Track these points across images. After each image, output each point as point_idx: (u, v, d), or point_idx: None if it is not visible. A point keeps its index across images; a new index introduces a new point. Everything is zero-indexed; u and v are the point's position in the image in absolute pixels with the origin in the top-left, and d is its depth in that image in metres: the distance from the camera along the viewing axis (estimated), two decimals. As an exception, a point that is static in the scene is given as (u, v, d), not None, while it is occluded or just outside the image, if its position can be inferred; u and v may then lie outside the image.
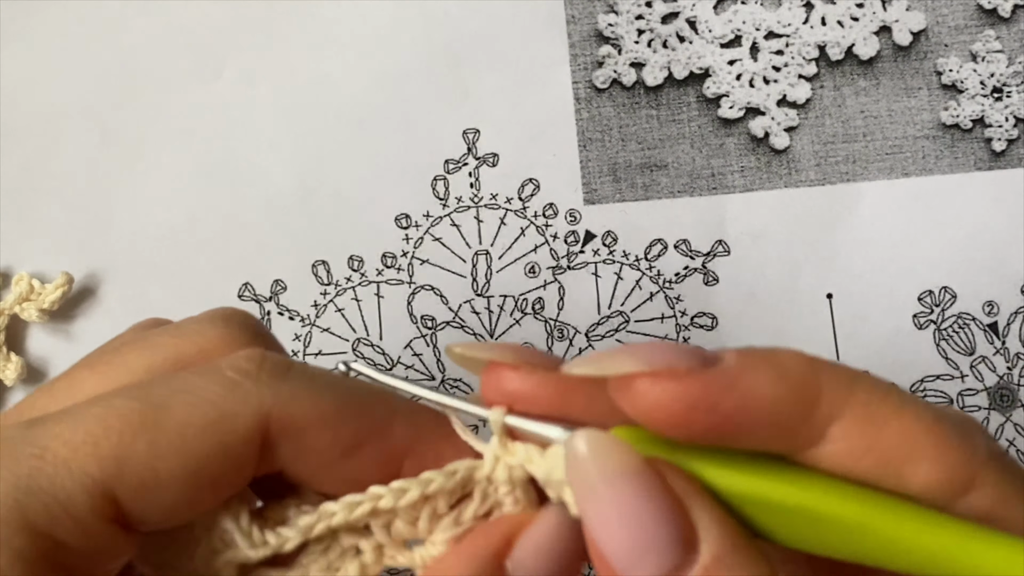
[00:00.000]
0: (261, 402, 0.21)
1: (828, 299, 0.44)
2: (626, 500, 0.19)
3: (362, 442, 0.21)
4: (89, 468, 0.19)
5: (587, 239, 0.45)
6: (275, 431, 0.21)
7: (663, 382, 0.19)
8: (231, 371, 0.21)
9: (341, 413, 0.21)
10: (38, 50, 0.46)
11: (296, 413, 0.21)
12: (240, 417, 0.20)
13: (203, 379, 0.21)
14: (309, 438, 0.21)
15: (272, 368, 0.21)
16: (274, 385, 0.21)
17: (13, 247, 0.44)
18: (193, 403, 0.20)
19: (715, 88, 0.45)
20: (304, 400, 0.21)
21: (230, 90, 0.46)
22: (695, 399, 0.19)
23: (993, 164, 0.45)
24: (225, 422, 0.20)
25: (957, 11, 0.46)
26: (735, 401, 0.19)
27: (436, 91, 0.46)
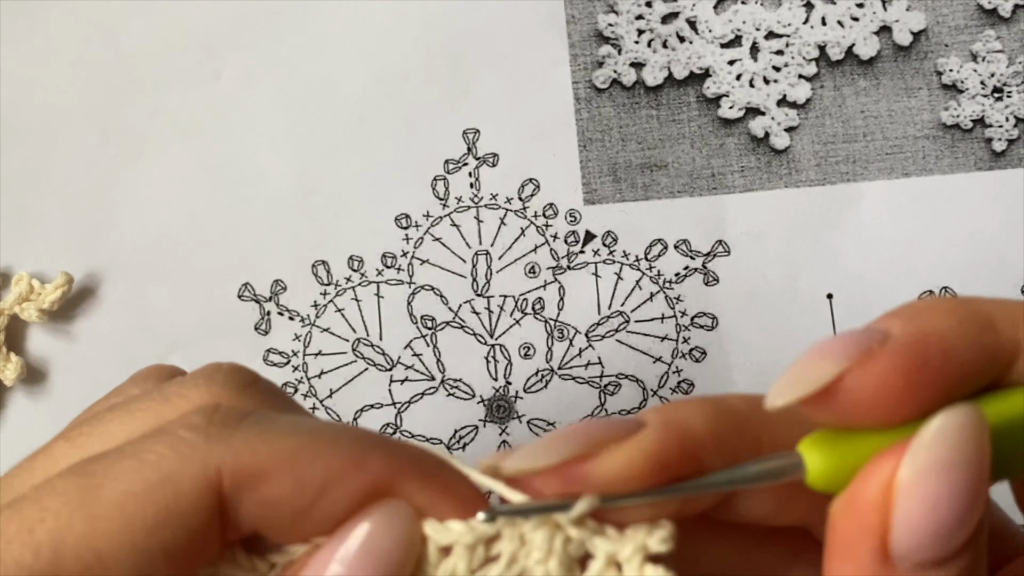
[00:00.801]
0: (208, 457, 0.19)
1: (828, 299, 0.44)
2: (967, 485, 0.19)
3: (331, 482, 0.19)
4: (25, 558, 0.18)
5: (587, 239, 0.45)
6: (230, 486, 0.19)
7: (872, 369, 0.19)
8: (182, 429, 0.20)
9: (301, 455, 0.19)
10: (38, 50, 0.46)
11: (250, 462, 0.19)
12: (185, 477, 0.19)
13: (149, 442, 0.19)
14: (271, 487, 0.19)
15: (223, 419, 0.20)
16: (224, 437, 0.19)
17: (13, 247, 0.44)
18: (134, 468, 0.19)
19: (715, 88, 0.45)
20: (258, 447, 0.19)
21: (230, 90, 0.46)
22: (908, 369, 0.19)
23: (993, 164, 0.45)
24: (168, 485, 0.19)
25: (957, 11, 0.46)
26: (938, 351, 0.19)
27: (436, 91, 0.46)
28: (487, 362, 0.44)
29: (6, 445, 0.43)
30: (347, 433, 0.20)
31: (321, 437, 0.20)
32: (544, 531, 0.20)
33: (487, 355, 0.44)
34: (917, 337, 0.19)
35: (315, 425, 0.20)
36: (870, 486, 0.19)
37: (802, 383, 0.19)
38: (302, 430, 0.20)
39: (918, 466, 0.19)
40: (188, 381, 0.23)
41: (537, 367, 0.44)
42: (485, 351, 0.44)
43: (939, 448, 0.19)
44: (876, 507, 0.19)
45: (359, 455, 0.20)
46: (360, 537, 0.20)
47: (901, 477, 0.19)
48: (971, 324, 0.20)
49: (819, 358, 0.19)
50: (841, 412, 0.20)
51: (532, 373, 0.44)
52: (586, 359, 0.44)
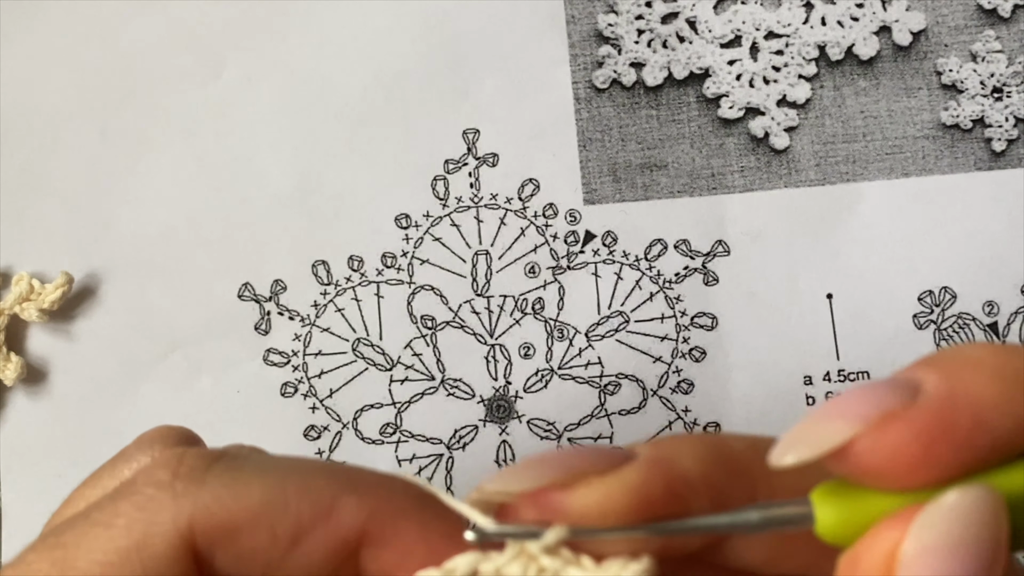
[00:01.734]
0: (178, 515, 0.19)
1: (828, 299, 0.44)
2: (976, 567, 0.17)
3: (304, 531, 0.19)
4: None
5: (587, 239, 0.45)
6: (203, 541, 0.19)
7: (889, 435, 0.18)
8: (145, 485, 0.19)
9: (273, 504, 0.19)
10: (38, 50, 0.46)
11: (220, 516, 0.19)
12: (158, 538, 0.18)
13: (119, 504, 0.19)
14: (244, 539, 0.19)
15: (190, 471, 0.19)
16: (191, 491, 0.19)
17: (13, 247, 0.44)
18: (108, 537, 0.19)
19: (715, 88, 0.45)
20: (227, 499, 0.19)
21: (230, 90, 0.46)
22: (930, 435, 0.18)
23: (993, 164, 0.45)
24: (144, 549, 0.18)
25: (957, 11, 0.46)
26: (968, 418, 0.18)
27: (436, 91, 0.46)
28: (487, 362, 0.44)
29: (6, 445, 0.43)
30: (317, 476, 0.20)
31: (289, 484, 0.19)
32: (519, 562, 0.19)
33: (487, 355, 0.44)
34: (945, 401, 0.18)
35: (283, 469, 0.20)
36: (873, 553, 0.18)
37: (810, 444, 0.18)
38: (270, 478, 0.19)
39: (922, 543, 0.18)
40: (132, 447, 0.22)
41: (537, 367, 0.44)
42: (485, 351, 0.44)
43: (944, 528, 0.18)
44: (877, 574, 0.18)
45: (330, 502, 0.19)
46: None
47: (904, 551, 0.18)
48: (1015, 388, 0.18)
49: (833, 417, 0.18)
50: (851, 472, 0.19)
51: (532, 373, 0.44)
52: (586, 359, 0.44)
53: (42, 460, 0.43)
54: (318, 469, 0.20)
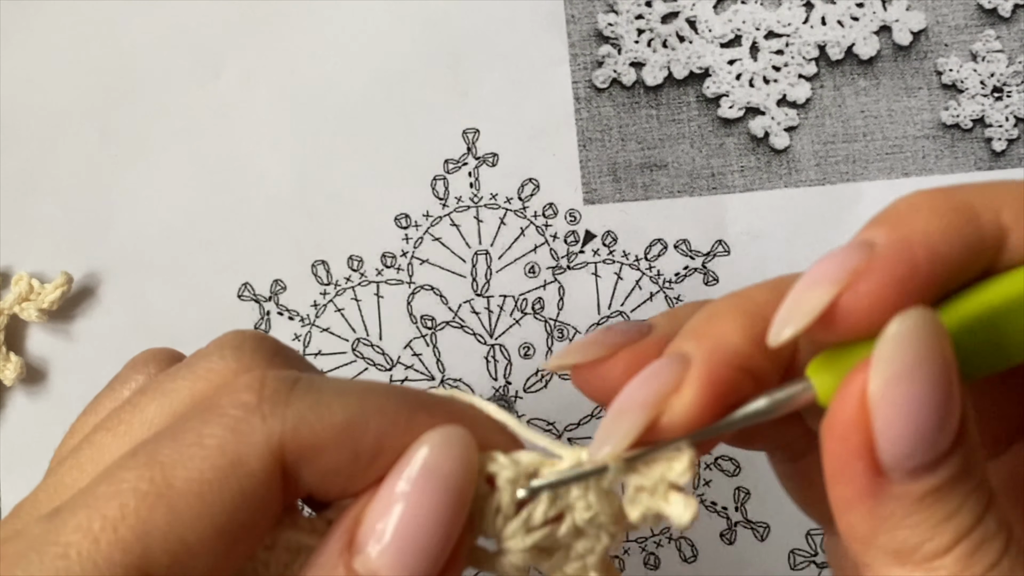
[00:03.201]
0: (270, 435, 0.20)
1: (828, 299, 0.44)
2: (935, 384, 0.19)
3: (383, 447, 0.20)
4: (115, 557, 0.18)
5: (587, 239, 0.45)
6: (291, 460, 0.20)
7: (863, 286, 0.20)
8: (233, 408, 0.20)
9: (354, 424, 0.20)
10: (38, 50, 0.46)
11: (307, 437, 0.20)
12: (252, 457, 0.19)
13: (208, 425, 0.20)
14: (328, 457, 0.20)
15: (273, 394, 0.20)
16: (279, 412, 0.20)
17: (13, 247, 0.44)
18: (203, 456, 0.19)
19: (715, 88, 0.45)
20: (313, 421, 0.20)
21: (230, 90, 0.46)
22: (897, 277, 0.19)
23: (993, 164, 0.45)
24: (239, 467, 0.19)
25: (957, 11, 0.46)
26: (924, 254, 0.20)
27: (436, 91, 0.46)
28: (487, 362, 0.44)
29: (6, 445, 0.43)
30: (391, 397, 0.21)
31: (368, 404, 0.21)
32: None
33: (487, 355, 0.44)
34: (902, 245, 0.20)
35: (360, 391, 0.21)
36: (846, 406, 0.19)
37: (798, 316, 0.20)
38: (350, 399, 0.20)
39: (883, 377, 0.19)
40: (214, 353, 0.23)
41: (537, 367, 0.44)
42: (485, 351, 0.44)
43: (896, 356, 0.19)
44: (856, 425, 0.19)
45: (407, 418, 0.21)
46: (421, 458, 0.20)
47: (871, 392, 0.19)
48: (953, 219, 0.20)
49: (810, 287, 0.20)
50: (843, 332, 0.20)
51: (532, 373, 0.44)
52: (586, 359, 0.44)
53: (42, 460, 0.43)
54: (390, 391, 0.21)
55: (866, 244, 0.20)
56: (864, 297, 0.19)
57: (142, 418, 0.22)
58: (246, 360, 0.23)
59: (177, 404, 0.22)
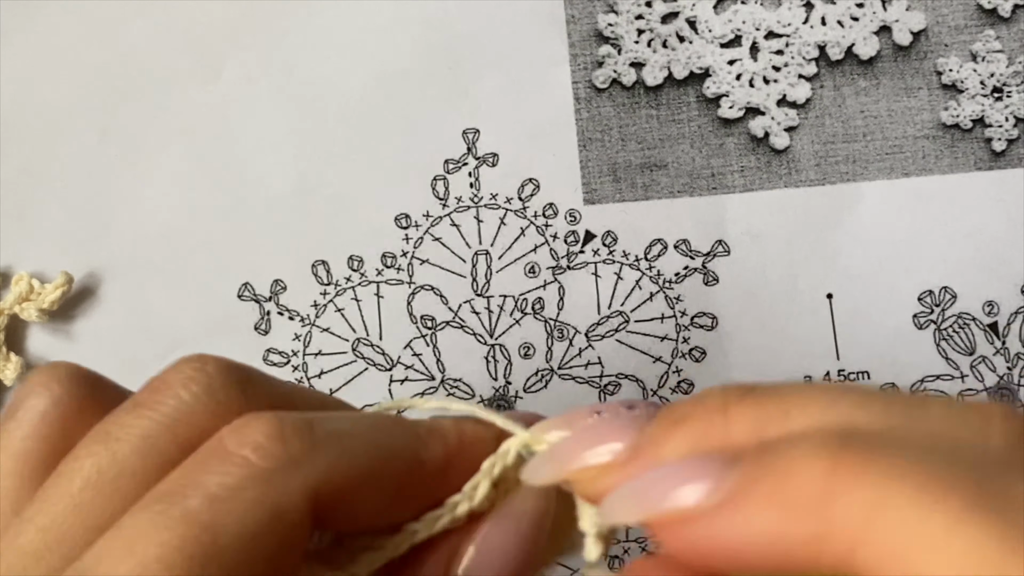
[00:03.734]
0: (305, 484, 0.20)
1: (828, 299, 0.44)
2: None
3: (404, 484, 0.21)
4: None
5: (587, 239, 0.45)
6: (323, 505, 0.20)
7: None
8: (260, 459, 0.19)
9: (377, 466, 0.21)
10: (38, 50, 0.46)
11: (338, 484, 0.20)
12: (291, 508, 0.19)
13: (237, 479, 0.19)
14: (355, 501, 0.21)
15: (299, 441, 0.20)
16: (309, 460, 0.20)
17: (13, 247, 0.44)
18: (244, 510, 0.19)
19: (715, 88, 0.45)
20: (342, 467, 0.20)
21: (230, 90, 0.46)
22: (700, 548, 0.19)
23: (993, 164, 0.45)
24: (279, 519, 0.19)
25: (957, 11, 0.46)
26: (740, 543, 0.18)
27: (436, 91, 0.46)
28: (487, 362, 0.44)
29: (6, 445, 0.43)
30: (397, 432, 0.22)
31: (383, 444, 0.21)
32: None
33: (487, 355, 0.44)
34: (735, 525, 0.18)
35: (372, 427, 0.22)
36: None
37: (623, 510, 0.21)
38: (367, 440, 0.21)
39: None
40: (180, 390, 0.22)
41: (537, 367, 0.44)
42: (485, 351, 0.44)
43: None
44: None
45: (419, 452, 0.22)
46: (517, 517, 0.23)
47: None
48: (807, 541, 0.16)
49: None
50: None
51: (532, 373, 0.44)
52: (586, 359, 0.44)
53: (42, 460, 0.43)
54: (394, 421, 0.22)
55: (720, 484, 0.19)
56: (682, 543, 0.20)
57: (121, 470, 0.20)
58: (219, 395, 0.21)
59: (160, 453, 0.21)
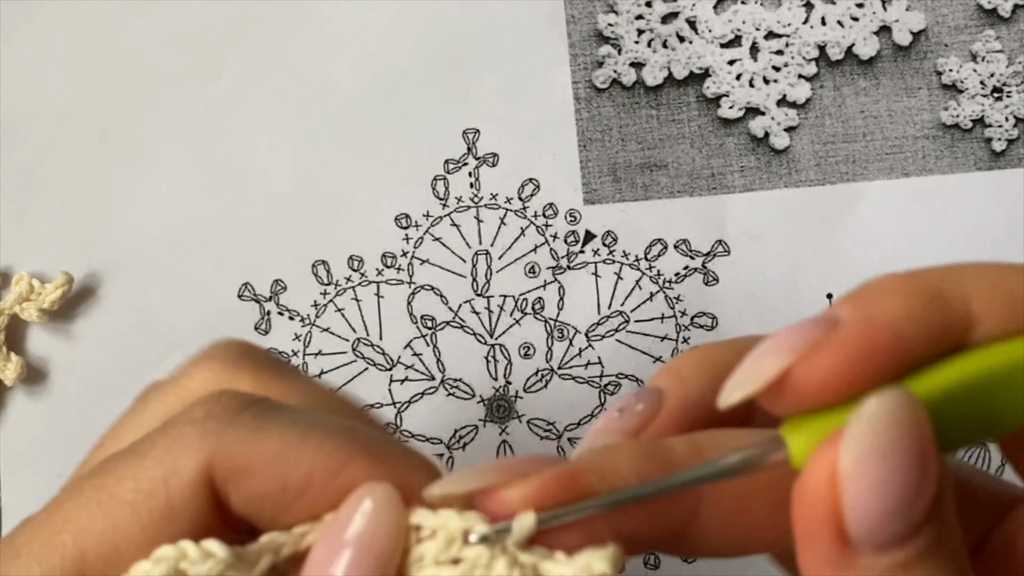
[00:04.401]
0: (200, 452, 0.20)
1: (828, 299, 0.44)
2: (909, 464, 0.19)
3: (312, 484, 0.20)
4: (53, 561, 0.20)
5: (587, 239, 0.45)
6: (219, 478, 0.20)
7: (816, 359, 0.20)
8: (183, 423, 0.21)
9: (287, 454, 0.20)
10: (38, 50, 0.46)
11: (237, 457, 0.20)
12: (183, 471, 0.20)
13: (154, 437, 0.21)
14: (256, 482, 0.20)
15: (221, 412, 0.21)
16: (218, 431, 0.20)
17: (13, 247, 0.44)
18: (138, 465, 0.20)
19: (715, 88, 0.45)
20: (247, 445, 0.20)
21: (230, 90, 0.46)
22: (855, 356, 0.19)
23: (993, 164, 0.45)
24: (170, 480, 0.20)
25: (957, 11, 0.46)
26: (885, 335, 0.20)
27: (436, 91, 0.46)
28: (487, 362, 0.44)
29: (6, 445, 0.43)
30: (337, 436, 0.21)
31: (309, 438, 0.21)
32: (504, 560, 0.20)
33: (487, 355, 0.44)
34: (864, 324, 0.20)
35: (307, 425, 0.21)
36: (816, 478, 0.19)
37: (750, 380, 0.20)
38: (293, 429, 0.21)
39: (855, 454, 0.19)
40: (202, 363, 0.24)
41: (537, 367, 0.44)
42: (485, 351, 0.44)
43: (871, 435, 0.19)
44: (825, 498, 0.19)
45: (342, 461, 0.21)
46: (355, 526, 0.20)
47: (842, 467, 0.19)
48: (920, 303, 0.20)
49: (767, 354, 0.20)
50: (793, 403, 0.20)
51: (532, 373, 0.44)
52: (586, 359, 0.44)
53: (42, 460, 0.43)
54: (340, 430, 0.21)
55: (830, 320, 0.20)
56: (818, 370, 0.20)
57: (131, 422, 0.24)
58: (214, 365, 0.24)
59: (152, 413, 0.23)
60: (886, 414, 0.19)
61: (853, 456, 0.19)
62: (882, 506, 0.19)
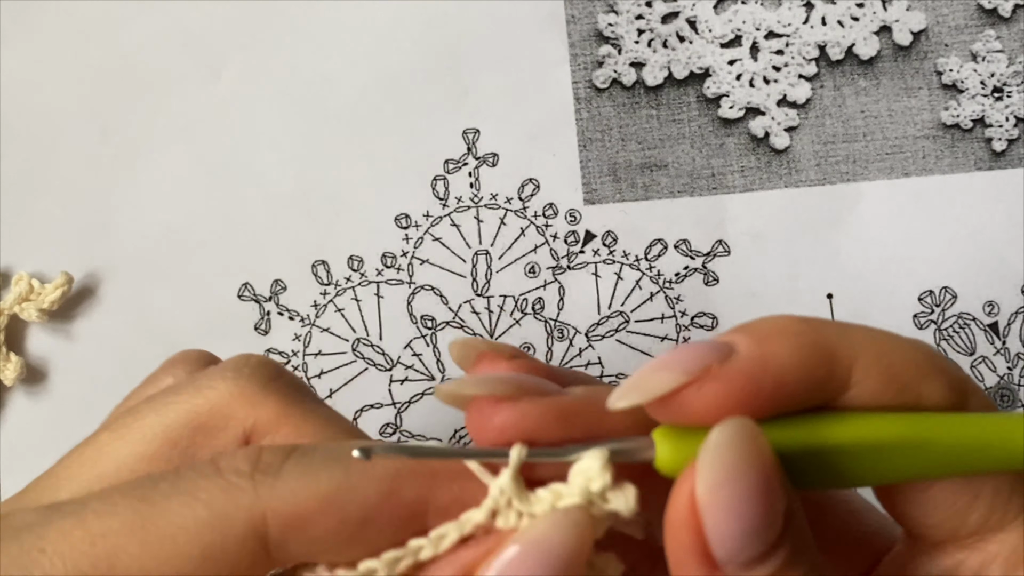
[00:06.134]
0: (255, 503, 0.21)
1: (828, 299, 0.44)
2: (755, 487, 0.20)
3: (370, 515, 0.21)
4: (82, 567, 0.20)
5: (587, 239, 0.45)
6: (276, 529, 0.21)
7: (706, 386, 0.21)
8: (229, 472, 0.21)
9: (341, 494, 0.21)
10: (38, 50, 0.46)
11: (294, 508, 0.21)
12: (234, 520, 0.21)
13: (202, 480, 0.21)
14: (315, 528, 0.21)
15: (267, 465, 0.21)
16: (268, 483, 0.21)
17: (13, 247, 0.44)
18: (190, 505, 0.21)
19: (715, 88, 0.45)
20: (300, 492, 0.21)
21: (230, 90, 0.46)
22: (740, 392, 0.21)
23: (993, 164, 0.45)
24: (218, 526, 0.21)
25: (957, 11, 0.46)
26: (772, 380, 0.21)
27: (436, 91, 0.46)
28: (487, 362, 0.44)
29: (6, 445, 0.43)
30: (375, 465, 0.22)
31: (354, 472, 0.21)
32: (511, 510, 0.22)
33: (487, 355, 0.44)
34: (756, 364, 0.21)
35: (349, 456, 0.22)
36: (679, 506, 0.21)
37: (640, 391, 0.21)
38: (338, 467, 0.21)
39: (706, 483, 0.20)
40: (217, 373, 0.25)
41: (537, 367, 0.44)
42: (485, 351, 0.44)
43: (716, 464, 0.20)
44: (689, 524, 0.21)
45: (392, 486, 0.22)
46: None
47: (698, 496, 0.20)
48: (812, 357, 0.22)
49: (660, 368, 0.21)
50: (676, 419, 0.21)
51: (532, 373, 0.44)
52: (586, 359, 0.44)
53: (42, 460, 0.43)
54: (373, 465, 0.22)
55: (726, 347, 0.21)
56: (704, 397, 0.21)
57: (140, 426, 0.24)
58: (243, 383, 0.24)
59: (173, 418, 0.24)
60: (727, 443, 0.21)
61: (706, 484, 0.20)
62: (738, 528, 0.20)
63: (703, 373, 0.21)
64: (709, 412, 0.21)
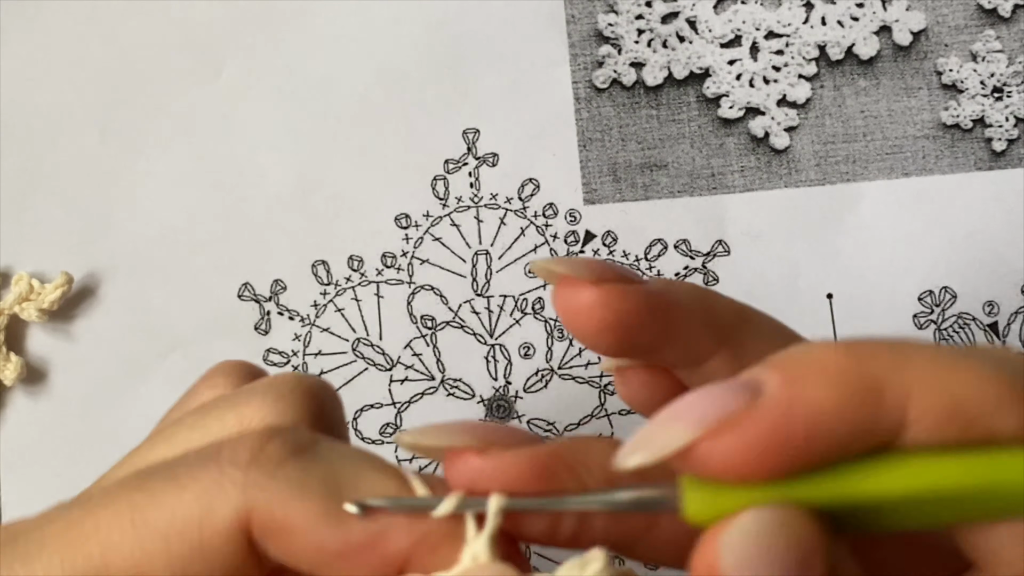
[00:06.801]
0: (242, 500, 0.20)
1: (828, 299, 0.44)
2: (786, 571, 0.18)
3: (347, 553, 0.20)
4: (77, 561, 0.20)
5: (587, 239, 0.45)
6: (256, 530, 0.20)
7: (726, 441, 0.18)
8: (227, 462, 0.20)
9: (324, 522, 0.20)
10: (38, 50, 0.46)
11: (277, 516, 0.20)
12: (220, 515, 0.20)
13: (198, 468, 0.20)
14: (294, 541, 0.20)
15: (266, 460, 0.20)
16: (260, 483, 0.20)
17: (13, 247, 0.44)
18: (178, 495, 0.20)
19: (715, 88, 0.45)
20: (289, 501, 0.20)
21: (230, 90, 0.46)
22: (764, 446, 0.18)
23: (993, 164, 0.45)
24: (206, 520, 0.20)
25: (957, 11, 0.46)
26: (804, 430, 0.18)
27: (436, 91, 0.46)
28: (487, 362, 0.44)
29: (6, 445, 0.43)
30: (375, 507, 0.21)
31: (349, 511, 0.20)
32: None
33: (487, 355, 0.44)
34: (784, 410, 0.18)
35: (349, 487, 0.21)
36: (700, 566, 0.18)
37: (650, 448, 0.19)
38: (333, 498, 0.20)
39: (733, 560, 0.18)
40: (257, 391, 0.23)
41: (537, 367, 0.44)
42: (485, 351, 0.44)
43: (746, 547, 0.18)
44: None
45: (379, 534, 0.20)
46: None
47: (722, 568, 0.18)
48: (854, 398, 0.18)
49: (672, 420, 0.19)
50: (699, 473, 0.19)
51: (532, 373, 0.44)
52: (586, 359, 0.44)
53: (42, 460, 0.43)
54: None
55: (751, 389, 0.18)
56: (722, 452, 0.18)
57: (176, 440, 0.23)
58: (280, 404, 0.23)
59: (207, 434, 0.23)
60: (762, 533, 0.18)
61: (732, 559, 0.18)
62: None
63: (720, 425, 0.18)
64: (733, 468, 0.18)
